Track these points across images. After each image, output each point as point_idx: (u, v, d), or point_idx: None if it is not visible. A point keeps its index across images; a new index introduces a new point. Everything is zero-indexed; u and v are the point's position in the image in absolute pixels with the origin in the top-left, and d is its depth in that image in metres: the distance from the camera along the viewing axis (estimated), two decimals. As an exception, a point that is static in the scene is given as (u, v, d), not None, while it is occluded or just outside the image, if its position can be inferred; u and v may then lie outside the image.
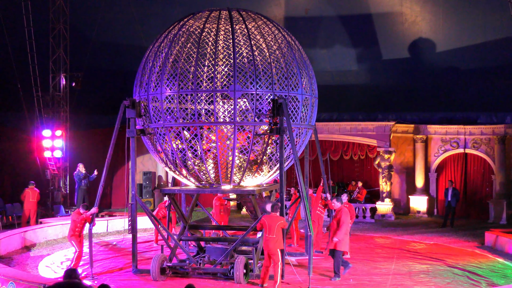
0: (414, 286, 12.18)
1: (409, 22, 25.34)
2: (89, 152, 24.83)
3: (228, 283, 12.15)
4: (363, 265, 14.36)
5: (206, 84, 12.52)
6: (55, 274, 13.38)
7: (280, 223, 11.63)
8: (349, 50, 26.69)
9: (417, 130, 25.09)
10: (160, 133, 12.72)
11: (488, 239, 17.57)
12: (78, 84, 23.37)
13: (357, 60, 27.04)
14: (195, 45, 12.49)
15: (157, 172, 26.31)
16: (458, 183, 24.42)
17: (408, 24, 25.37)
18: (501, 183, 23.52)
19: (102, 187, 13.23)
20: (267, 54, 12.55)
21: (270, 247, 11.55)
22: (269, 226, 11.59)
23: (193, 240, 14.46)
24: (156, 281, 12.36)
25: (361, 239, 18.50)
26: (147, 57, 13.02)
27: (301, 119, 13.13)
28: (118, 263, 14.58)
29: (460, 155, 24.83)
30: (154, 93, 12.54)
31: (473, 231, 19.97)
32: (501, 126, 23.78)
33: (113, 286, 11.33)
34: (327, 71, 25.59)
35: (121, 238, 17.04)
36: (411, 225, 22.21)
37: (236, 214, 24.33)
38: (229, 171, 12.69)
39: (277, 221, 11.63)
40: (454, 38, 24.91)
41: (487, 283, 12.57)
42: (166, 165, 13.44)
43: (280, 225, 11.62)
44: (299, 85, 12.80)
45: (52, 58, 23.13)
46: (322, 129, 23.80)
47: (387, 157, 24.01)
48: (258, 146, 12.74)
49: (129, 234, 13.39)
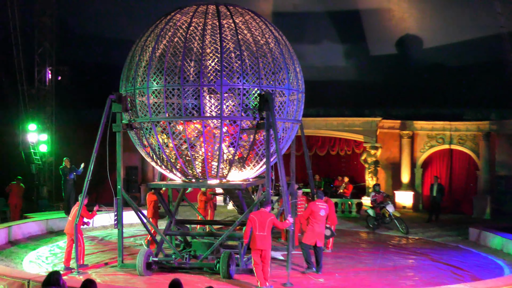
0: (399, 281, 12.28)
1: (396, 19, 25.45)
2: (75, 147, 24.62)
3: (214, 277, 12.18)
4: (348, 259, 14.45)
5: (193, 79, 12.49)
6: (40, 269, 13.32)
7: (271, 219, 11.37)
8: (337, 46, 26.76)
9: (403, 126, 25.22)
10: (146, 127, 12.69)
11: (472, 234, 17.77)
12: (64, 78, 23.21)
13: (345, 56, 27.11)
14: (182, 40, 12.45)
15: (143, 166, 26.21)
16: (444, 178, 24.60)
17: (396, 20, 25.48)
18: (486, 179, 23.71)
19: (88, 181, 13.18)
20: (254, 49, 12.54)
21: (262, 245, 11.23)
22: (259, 223, 11.25)
23: (179, 235, 14.46)
24: (142, 276, 12.35)
25: (346, 234, 18.60)
26: (134, 51, 12.97)
27: (288, 114, 13.16)
28: (104, 258, 14.55)
29: (445, 151, 25.01)
30: (141, 88, 12.50)
31: (458, 226, 20.14)
32: (486, 123, 23.96)
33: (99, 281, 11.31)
34: (315, 66, 25.62)
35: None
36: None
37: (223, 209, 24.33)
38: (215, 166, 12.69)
39: (267, 218, 11.34)
40: (441, 35, 25.07)
41: (470, 277, 12.71)
42: (153, 160, 13.42)
43: (271, 221, 11.35)
44: (286, 80, 12.82)
45: (37, 51, 22.92)
46: (309, 124, 23.81)
47: (374, 152, 24.13)
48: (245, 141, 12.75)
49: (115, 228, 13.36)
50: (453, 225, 20.81)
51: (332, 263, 13.88)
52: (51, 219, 19.06)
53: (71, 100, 24.47)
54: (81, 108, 25.73)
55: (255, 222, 11.27)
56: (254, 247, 11.27)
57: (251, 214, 11.54)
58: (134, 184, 25.35)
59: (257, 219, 11.29)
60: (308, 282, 12.12)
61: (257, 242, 11.23)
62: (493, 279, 12.01)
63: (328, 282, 12.16)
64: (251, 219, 11.37)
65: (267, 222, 11.27)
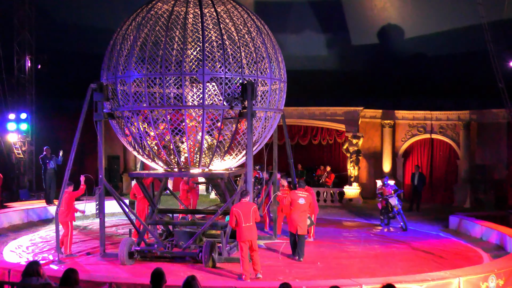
0: (380, 268, 12.40)
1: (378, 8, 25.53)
2: (56, 136, 24.44)
3: (197, 266, 12.18)
4: (330, 248, 14.55)
5: (175, 68, 12.43)
6: (21, 258, 13.24)
7: (254, 209, 11.35)
8: (319, 35, 26.78)
9: (385, 116, 25.37)
10: (128, 116, 12.62)
11: (452, 222, 17.97)
12: (44, 66, 22.93)
13: (327, 45, 27.15)
14: (163, 29, 12.38)
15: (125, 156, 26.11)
16: (425, 168, 24.84)
17: (377, 10, 25.56)
18: (466, 168, 23.99)
19: (69, 171, 13.09)
20: (236, 38, 12.52)
21: (251, 235, 11.23)
22: (244, 215, 11.19)
23: (161, 224, 14.44)
24: (124, 265, 12.33)
25: (329, 223, 18.72)
26: (115, 40, 12.86)
27: (270, 103, 13.18)
28: (85, 247, 14.49)
29: (426, 140, 25.24)
30: (122, 76, 12.41)
31: (438, 215, 20.37)
32: (466, 112, 24.20)
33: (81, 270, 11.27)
34: (297, 56, 25.63)
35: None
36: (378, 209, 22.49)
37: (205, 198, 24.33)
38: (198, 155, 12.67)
39: (251, 207, 11.32)
40: (422, 24, 25.19)
41: (450, 265, 12.87)
42: (134, 149, 13.36)
43: (254, 211, 11.32)
44: (268, 69, 12.83)
45: (16, 39, 22.60)
46: (291, 113, 23.87)
47: (355, 142, 24.25)
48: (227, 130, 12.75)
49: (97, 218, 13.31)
50: (434, 213, 21.06)
51: (314, 252, 13.95)
52: (31, 209, 18.94)
53: (51, 89, 24.22)
54: (61, 97, 25.49)
55: (239, 215, 11.20)
56: (242, 239, 11.24)
57: (234, 207, 11.42)
58: (116, 173, 25.24)
59: (241, 212, 11.22)
60: (290, 270, 12.19)
61: (244, 234, 11.20)
62: (473, 267, 12.19)
63: (310, 270, 12.23)
64: (236, 212, 11.25)
65: (251, 212, 11.25)
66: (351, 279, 10.63)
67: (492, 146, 23.57)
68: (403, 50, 26.06)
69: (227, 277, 11.41)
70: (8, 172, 21.87)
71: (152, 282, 7.04)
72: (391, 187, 18.35)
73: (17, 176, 22.61)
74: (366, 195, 25.14)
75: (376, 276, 11.52)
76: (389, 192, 18.07)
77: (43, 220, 18.61)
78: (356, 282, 10.12)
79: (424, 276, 10.83)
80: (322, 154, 27.08)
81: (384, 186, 18.47)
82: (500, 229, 15.70)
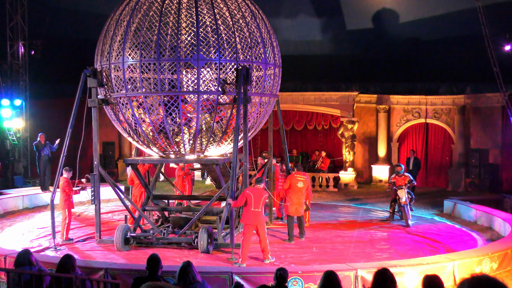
0: (375, 253, 12.46)
1: (373, -8, 25.41)
2: (50, 122, 24.35)
3: (193, 252, 12.23)
4: (326, 233, 14.61)
5: (169, 53, 12.37)
6: (16, 245, 13.24)
7: (265, 197, 11.59)
8: (313, 20, 26.67)
9: (380, 100, 25.36)
10: (122, 102, 12.58)
11: (447, 206, 18.06)
12: (37, 52, 22.81)
13: (321, 30, 27.05)
14: (157, 14, 12.29)
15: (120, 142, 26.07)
16: (419, 152, 24.89)
17: (372, -6, 25.44)
18: (460, 152, 24.07)
19: (63, 157, 13.07)
20: (230, 23, 12.45)
21: (258, 220, 11.37)
22: (255, 200, 11.33)
23: (157, 210, 14.46)
24: (120, 251, 12.36)
25: (324, 208, 18.78)
26: (109, 25, 12.77)
27: (265, 89, 13.16)
28: (82, 233, 14.50)
29: (421, 125, 25.26)
30: (116, 62, 12.35)
31: (433, 199, 20.46)
32: (461, 97, 24.21)
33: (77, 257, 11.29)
34: (291, 40, 25.56)
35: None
36: (373, 193, 22.62)
37: (201, 184, 24.37)
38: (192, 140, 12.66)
39: (263, 195, 11.50)
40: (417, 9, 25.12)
41: (445, 249, 12.95)
42: (129, 135, 13.33)
43: (265, 198, 11.57)
44: (263, 54, 12.78)
45: (9, 25, 22.44)
46: (286, 99, 23.83)
47: (350, 127, 24.25)
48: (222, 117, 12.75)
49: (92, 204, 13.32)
50: (429, 198, 21.14)
51: (309, 237, 14.02)
52: (26, 195, 18.93)
53: (45, 74, 24.09)
54: (55, 83, 25.34)
55: (251, 198, 11.34)
56: (248, 222, 11.38)
57: (247, 190, 11.57)
58: (111, 159, 25.22)
59: (253, 195, 11.37)
60: (285, 255, 12.24)
61: (251, 217, 11.35)
62: (467, 250, 12.27)
63: (305, 255, 12.29)
64: (248, 195, 11.38)
65: (262, 199, 11.42)
66: (346, 264, 10.68)
67: (486, 130, 23.62)
68: (398, 35, 26.01)
69: (222, 262, 11.46)
70: (3, 158, 21.82)
71: (148, 267, 7.06)
72: (403, 175, 16.20)
73: (12, 163, 22.56)
74: (361, 180, 25.22)
75: (371, 260, 11.59)
76: (403, 182, 15.99)
77: (38, 207, 18.62)
78: (351, 267, 10.17)
79: (419, 260, 10.89)
80: (317, 139, 27.10)
81: (397, 175, 16.20)
82: (494, 213, 15.79)
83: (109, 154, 25.10)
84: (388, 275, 5.82)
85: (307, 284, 9.63)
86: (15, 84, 22.66)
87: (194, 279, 6.47)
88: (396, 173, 16.36)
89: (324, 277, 5.97)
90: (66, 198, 13.54)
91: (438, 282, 5.92)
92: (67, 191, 13.53)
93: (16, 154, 22.78)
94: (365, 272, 9.86)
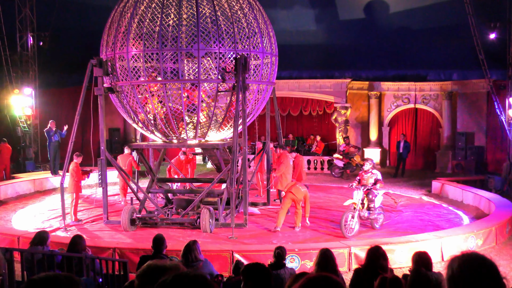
0: (367, 231, 12.51)
1: (364, -16, 25.22)
2: (59, 110, 24.34)
3: (195, 231, 12.26)
4: (320, 213, 14.64)
5: (171, 44, 12.31)
6: (29, 226, 13.27)
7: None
8: (308, 10, 26.51)
9: (371, 87, 25.31)
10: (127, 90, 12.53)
11: (435, 187, 18.11)
12: (45, 43, 22.69)
13: (316, 20, 26.89)
14: (159, 6, 12.21)
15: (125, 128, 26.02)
16: (409, 136, 24.89)
17: (364, -15, 25.26)
18: (447, 135, 24.08)
19: (72, 143, 13.07)
20: (229, 14, 12.38)
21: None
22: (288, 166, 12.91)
23: (161, 192, 14.48)
24: (127, 231, 12.39)
25: (319, 189, 18.80)
26: (113, 17, 12.69)
27: (263, 77, 13.12)
28: (90, 215, 14.53)
29: (411, 110, 25.24)
30: (121, 52, 12.29)
31: (422, 180, 20.51)
32: (449, 83, 24.17)
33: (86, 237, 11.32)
34: (287, 30, 25.39)
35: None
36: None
37: (202, 167, 24.37)
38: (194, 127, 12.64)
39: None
40: (406, -1, 24.98)
41: (433, 227, 13.00)
42: (134, 122, 13.30)
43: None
44: (260, 44, 12.73)
45: (18, 17, 22.29)
46: (282, 86, 23.79)
47: (344, 112, 24.23)
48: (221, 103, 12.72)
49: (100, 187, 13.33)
50: (418, 179, 21.20)
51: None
52: (37, 179, 18.94)
53: (53, 64, 23.98)
54: (63, 73, 25.24)
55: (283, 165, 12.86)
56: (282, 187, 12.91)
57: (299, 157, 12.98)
58: (116, 145, 25.17)
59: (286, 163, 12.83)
60: (283, 234, 12.28)
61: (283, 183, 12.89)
62: (454, 228, 12.33)
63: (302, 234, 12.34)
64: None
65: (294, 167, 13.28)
66: (340, 242, 10.73)
67: (472, 114, 23.60)
68: (388, 25, 25.85)
69: (223, 241, 11.50)
70: (14, 144, 21.78)
71: (154, 246, 7.09)
72: (351, 145, 19.74)
73: (23, 149, 22.53)
74: (354, 162, 25.19)
75: (364, 238, 11.64)
76: (349, 150, 19.82)
77: (49, 190, 18.63)
78: (345, 244, 10.22)
79: (409, 237, 10.96)
80: (312, 124, 27.08)
81: (347, 145, 20.68)
82: (479, 192, 15.85)
83: (115, 139, 25.04)
84: (380, 252, 5.84)
85: (304, 261, 9.69)
86: (25, 74, 22.57)
87: (196, 258, 6.49)
88: (346, 144, 19.76)
89: (319, 255, 5.99)
90: (75, 182, 13.56)
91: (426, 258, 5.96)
92: (76, 175, 13.53)
93: (27, 140, 22.74)
94: (358, 249, 9.92)
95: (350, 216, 11.78)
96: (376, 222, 12.62)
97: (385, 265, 5.77)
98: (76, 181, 13.55)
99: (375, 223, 12.59)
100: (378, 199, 12.47)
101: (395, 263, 9.73)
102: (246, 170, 12.89)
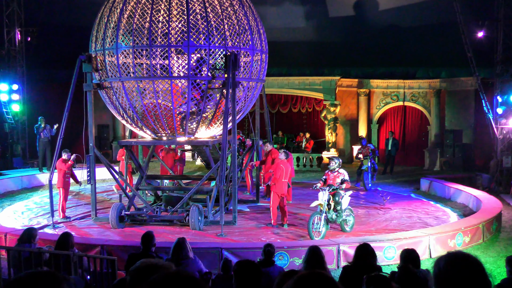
0: (356, 228, 12.52)
1: (354, -19, 25.25)
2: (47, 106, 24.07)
3: (184, 229, 12.24)
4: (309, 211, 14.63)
5: (161, 40, 12.26)
6: (16, 223, 13.18)
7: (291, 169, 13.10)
8: (298, 8, 26.51)
9: (360, 84, 25.38)
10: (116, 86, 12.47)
11: (423, 184, 18.21)
12: (33, 38, 22.50)
13: (305, 17, 26.90)
14: (149, 1, 12.15)
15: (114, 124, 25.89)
16: (398, 133, 25.00)
17: (353, -17, 25.29)
18: (436, 133, 24.22)
19: (61, 139, 12.99)
20: (219, 11, 12.34)
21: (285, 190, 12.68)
22: (286, 172, 12.41)
23: (150, 189, 14.43)
24: (115, 229, 12.34)
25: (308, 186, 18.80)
26: (103, 12, 12.61)
27: (252, 74, 13.10)
28: (79, 212, 14.46)
29: (399, 107, 25.35)
30: (110, 48, 12.22)
31: (410, 178, 20.61)
32: (437, 81, 24.31)
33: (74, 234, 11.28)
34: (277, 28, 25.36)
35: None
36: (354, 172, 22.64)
37: (191, 164, 24.31)
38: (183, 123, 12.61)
39: (289, 167, 12.74)
40: (396, -3, 25.05)
41: (421, 224, 13.07)
42: (123, 118, 13.24)
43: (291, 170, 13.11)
44: (250, 41, 12.71)
45: (5, 12, 22.06)
46: (272, 83, 23.79)
47: (333, 109, 24.27)
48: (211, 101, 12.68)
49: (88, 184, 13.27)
50: (406, 176, 21.31)
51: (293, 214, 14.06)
52: (25, 176, 18.81)
53: (41, 60, 23.78)
54: (51, 68, 25.03)
55: (282, 170, 12.37)
56: (280, 192, 12.42)
57: (281, 163, 12.51)
58: (105, 141, 25.07)
59: (284, 168, 12.38)
60: (272, 231, 12.28)
61: (283, 188, 12.50)
62: (441, 225, 12.41)
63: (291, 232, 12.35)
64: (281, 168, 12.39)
65: (289, 171, 12.72)
66: (329, 239, 10.76)
67: (460, 112, 23.75)
68: (377, 22, 25.91)
69: (212, 238, 11.49)
70: (1, 141, 21.61)
71: (143, 243, 7.07)
72: (368, 146, 18.66)
73: (11, 145, 22.33)
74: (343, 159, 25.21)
75: (352, 236, 11.67)
76: (367, 152, 18.27)
77: (37, 187, 18.51)
78: (334, 242, 10.25)
79: (397, 235, 11.01)
80: (302, 121, 27.13)
81: (363, 147, 18.63)
82: (467, 190, 15.95)
83: (104, 136, 24.93)
84: (369, 249, 5.87)
85: (292, 259, 9.71)
86: (12, 69, 22.35)
87: (186, 256, 6.49)
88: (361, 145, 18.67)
89: (308, 252, 6.00)
90: (61, 176, 13.44)
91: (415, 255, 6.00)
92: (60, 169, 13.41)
93: (14, 137, 22.54)
94: (346, 247, 9.95)
95: (317, 219, 11.36)
96: (347, 225, 12.14)
97: (374, 262, 5.80)
98: (62, 176, 13.43)
99: (345, 225, 12.09)
100: (345, 200, 12.01)
101: (384, 260, 9.78)
102: (236, 168, 12.89)
